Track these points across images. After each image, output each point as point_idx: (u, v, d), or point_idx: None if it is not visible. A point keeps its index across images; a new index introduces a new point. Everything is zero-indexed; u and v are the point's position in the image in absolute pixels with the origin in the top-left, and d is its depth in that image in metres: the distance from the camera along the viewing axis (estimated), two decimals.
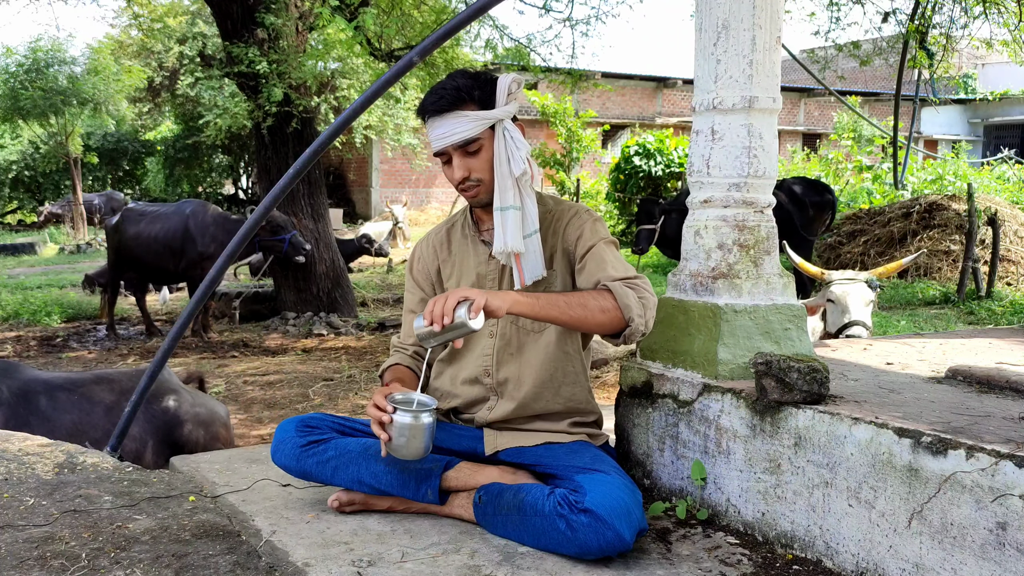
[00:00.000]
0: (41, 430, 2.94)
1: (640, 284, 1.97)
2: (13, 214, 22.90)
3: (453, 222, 2.26)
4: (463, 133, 1.99)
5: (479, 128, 1.99)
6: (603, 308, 1.90)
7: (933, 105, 16.46)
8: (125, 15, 14.30)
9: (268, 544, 1.86)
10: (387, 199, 18.20)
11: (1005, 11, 10.28)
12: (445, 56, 8.48)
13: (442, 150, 2.02)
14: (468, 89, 2.00)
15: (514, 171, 2.01)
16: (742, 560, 1.82)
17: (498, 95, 2.02)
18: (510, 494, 1.90)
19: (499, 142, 2.02)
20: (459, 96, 1.99)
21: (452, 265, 2.20)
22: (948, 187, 12.69)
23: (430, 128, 2.03)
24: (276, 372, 6.56)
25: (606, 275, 1.99)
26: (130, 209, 8.52)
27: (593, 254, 2.04)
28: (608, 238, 2.08)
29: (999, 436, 1.59)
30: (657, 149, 14.95)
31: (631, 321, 1.91)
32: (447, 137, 2.00)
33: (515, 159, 2.00)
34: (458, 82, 2.01)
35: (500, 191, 2.01)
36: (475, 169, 2.02)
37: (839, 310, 3.68)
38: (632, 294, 1.93)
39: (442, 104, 1.99)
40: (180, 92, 17.98)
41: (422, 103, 2.04)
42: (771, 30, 2.12)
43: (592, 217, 2.12)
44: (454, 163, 2.03)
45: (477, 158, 2.02)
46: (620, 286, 1.94)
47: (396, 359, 2.23)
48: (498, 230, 2.01)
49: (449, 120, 1.99)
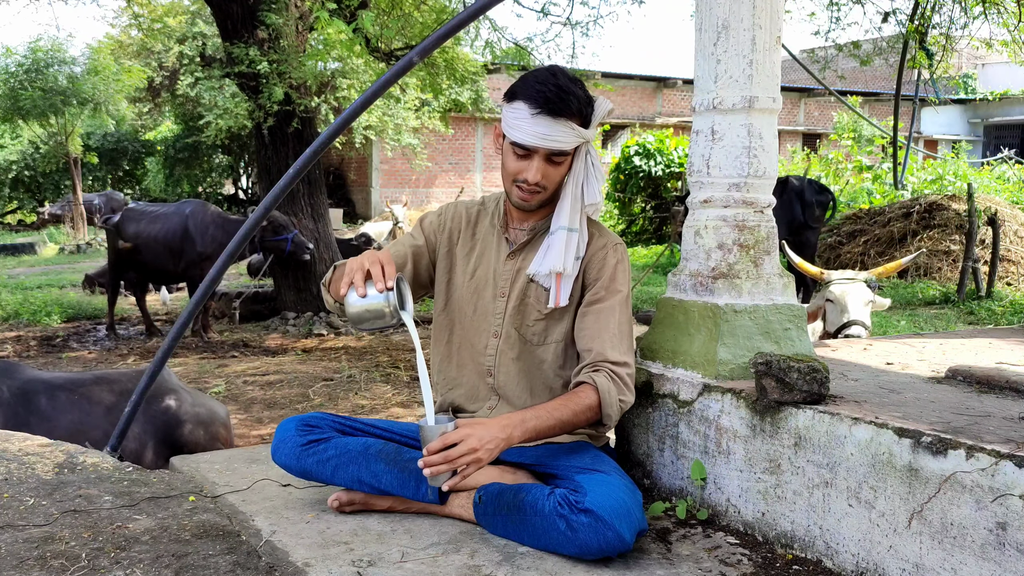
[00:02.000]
0: (41, 430, 2.94)
1: (625, 378, 1.98)
2: (13, 214, 22.90)
3: (484, 206, 2.22)
4: (564, 143, 1.94)
5: (575, 143, 1.96)
6: (587, 417, 1.94)
7: (933, 105, 16.49)
8: (125, 15, 14.33)
9: (268, 544, 1.86)
10: (387, 199, 18.19)
11: (1005, 11, 10.28)
12: (445, 56, 8.48)
13: (532, 147, 1.96)
14: (582, 103, 1.95)
15: (588, 199, 2.02)
16: (742, 560, 1.82)
17: (595, 116, 2.00)
18: (510, 494, 1.90)
19: (579, 163, 2.01)
20: (577, 106, 1.94)
21: (472, 248, 2.17)
22: (948, 187, 12.70)
23: (532, 121, 1.92)
24: (276, 372, 6.56)
25: (601, 350, 1.99)
26: (130, 209, 8.53)
27: (601, 311, 2.03)
28: (624, 293, 2.06)
29: (999, 436, 1.59)
30: (657, 149, 14.97)
31: (605, 427, 2.01)
32: (549, 140, 1.93)
33: (591, 187, 2.01)
34: (575, 90, 1.94)
35: (570, 212, 2.00)
36: (549, 178, 1.99)
37: (838, 310, 3.68)
38: (615, 398, 1.95)
39: (560, 107, 1.91)
40: (180, 92, 17.97)
41: (534, 91, 1.92)
42: (771, 30, 2.12)
43: (618, 257, 2.09)
44: (535, 164, 1.97)
45: (556, 169, 1.99)
46: (607, 387, 1.94)
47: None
48: (557, 248, 2.00)
49: (559, 125, 1.92)
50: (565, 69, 2.03)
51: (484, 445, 1.75)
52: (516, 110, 1.95)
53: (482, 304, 2.14)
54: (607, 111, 2.02)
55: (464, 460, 1.73)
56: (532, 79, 1.97)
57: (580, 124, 1.96)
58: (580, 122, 1.96)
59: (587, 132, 1.99)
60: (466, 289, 2.16)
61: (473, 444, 1.74)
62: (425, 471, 1.73)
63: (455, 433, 1.75)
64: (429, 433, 1.75)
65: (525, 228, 2.13)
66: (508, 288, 2.11)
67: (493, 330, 2.12)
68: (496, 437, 1.78)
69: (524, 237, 2.12)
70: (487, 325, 2.13)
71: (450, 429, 1.76)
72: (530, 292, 2.10)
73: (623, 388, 1.98)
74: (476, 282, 2.15)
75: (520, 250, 2.12)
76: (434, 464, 1.72)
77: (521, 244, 2.12)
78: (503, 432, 1.79)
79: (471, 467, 1.75)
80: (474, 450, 1.74)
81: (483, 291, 2.14)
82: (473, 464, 1.74)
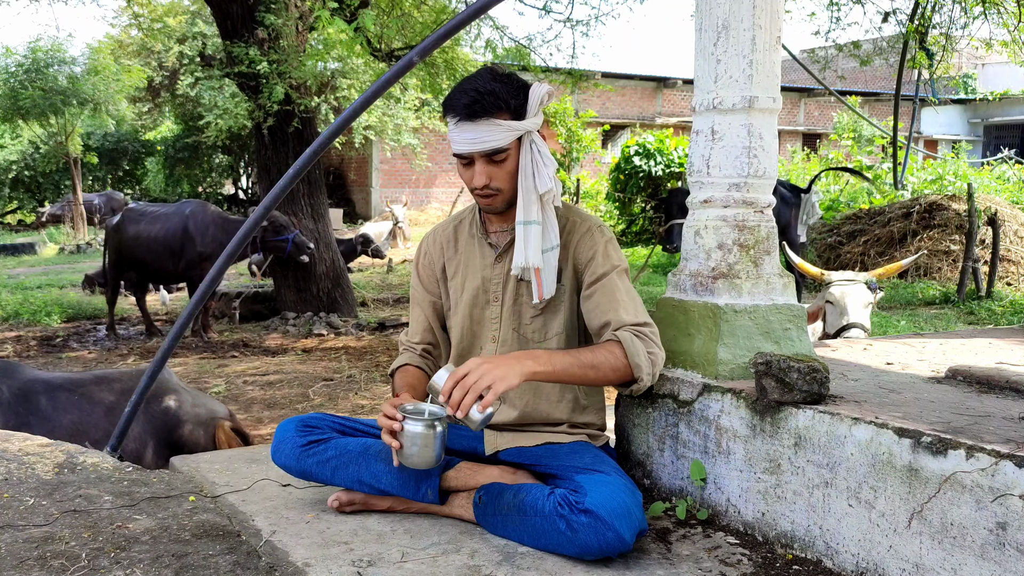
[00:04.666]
0: (41, 430, 2.94)
1: (649, 335, 1.96)
2: (13, 214, 22.90)
3: (461, 219, 2.23)
4: (493, 142, 1.93)
5: (509, 139, 1.94)
6: (614, 367, 1.90)
7: (933, 105, 16.47)
8: (125, 15, 14.32)
9: (268, 544, 1.86)
10: (387, 199, 18.21)
11: (1005, 11, 10.28)
12: (445, 56, 8.48)
13: (466, 154, 1.96)
14: (504, 97, 1.92)
15: (539, 188, 1.97)
16: (742, 560, 1.82)
17: (530, 105, 1.96)
18: (510, 494, 1.90)
19: (525, 155, 1.98)
20: (496, 103, 1.91)
21: (458, 264, 2.18)
22: (948, 187, 12.70)
23: (457, 129, 1.94)
24: (276, 372, 6.56)
25: (617, 318, 1.96)
26: (130, 209, 8.53)
27: (604, 285, 2.01)
28: (621, 265, 2.05)
29: (999, 436, 1.59)
30: (657, 149, 14.96)
31: (640, 380, 1.94)
32: (476, 144, 1.93)
33: (541, 176, 1.97)
34: (494, 87, 1.92)
35: (524, 205, 1.98)
36: (497, 178, 1.98)
37: (837, 312, 3.68)
38: (642, 349, 1.92)
39: (476, 109, 1.90)
40: (180, 92, 17.99)
41: (452, 100, 1.94)
42: (771, 30, 2.12)
43: (605, 237, 2.08)
44: (476, 168, 1.97)
45: (500, 168, 1.97)
46: (631, 339, 1.92)
47: (406, 359, 2.20)
48: (519, 244, 1.98)
49: (481, 126, 1.91)
50: (495, 67, 2.02)
51: (497, 364, 1.74)
52: (449, 123, 1.97)
53: (477, 313, 2.14)
54: (545, 94, 1.97)
55: (483, 382, 1.71)
56: (455, 89, 1.97)
57: (511, 118, 1.94)
58: (510, 116, 1.94)
59: (523, 123, 1.95)
60: (460, 304, 2.16)
61: (485, 366, 1.74)
62: (457, 414, 1.71)
63: (463, 366, 1.75)
64: (438, 381, 1.77)
65: (506, 228, 2.12)
66: (500, 292, 2.11)
67: (491, 336, 2.12)
68: (506, 363, 1.76)
69: (507, 238, 2.11)
70: (485, 333, 2.13)
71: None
72: (522, 290, 2.09)
73: (650, 342, 1.95)
74: (468, 295, 2.15)
75: (506, 252, 2.11)
76: (457, 399, 1.71)
77: (506, 246, 2.11)
78: (516, 360, 1.78)
79: (496, 385, 1.72)
80: (488, 370, 1.73)
81: (476, 301, 2.14)
82: (498, 382, 1.72)
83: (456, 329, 2.18)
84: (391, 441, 1.83)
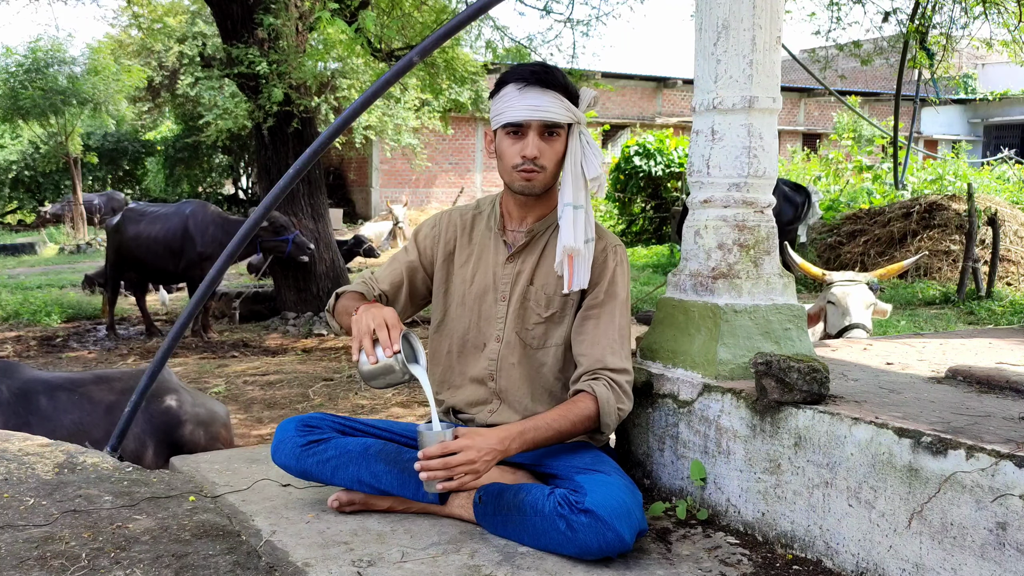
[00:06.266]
0: (41, 430, 2.94)
1: (624, 386, 2.00)
2: (13, 214, 22.90)
3: (480, 211, 2.22)
4: (555, 115, 1.97)
5: (568, 118, 1.99)
6: (586, 426, 1.97)
7: (933, 105, 16.47)
8: (125, 15, 14.35)
9: (268, 544, 1.86)
10: (387, 199, 18.21)
11: (1005, 11, 10.28)
12: (445, 56, 8.47)
13: (524, 122, 1.98)
14: (565, 83, 2.00)
15: (588, 173, 2.02)
16: (742, 560, 1.82)
17: (581, 101, 2.04)
18: (510, 494, 1.90)
19: (575, 141, 2.03)
20: (563, 81, 1.99)
21: (470, 254, 2.17)
22: (948, 187, 12.69)
23: (520, 95, 1.97)
24: (276, 372, 6.56)
25: (600, 358, 2.00)
26: (131, 209, 8.53)
27: (600, 317, 2.05)
28: (623, 297, 2.08)
29: (999, 436, 1.59)
30: (657, 149, 14.96)
31: (603, 431, 2.02)
32: (539, 111, 1.96)
33: (590, 162, 2.02)
34: (559, 71, 2.01)
35: (573, 189, 2.01)
36: (545, 155, 2.01)
37: (839, 312, 3.68)
38: (614, 407, 1.97)
39: (547, 78, 1.97)
40: (180, 92, 17.99)
41: (520, 69, 2.00)
42: (771, 30, 2.12)
43: (617, 258, 2.10)
44: (529, 139, 1.99)
45: (551, 146, 2.01)
46: (607, 397, 1.96)
47: (363, 290, 2.15)
48: (566, 226, 2.00)
49: (549, 96, 1.96)
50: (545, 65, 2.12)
51: (482, 457, 1.79)
52: (504, 95, 2.01)
53: (484, 309, 2.14)
54: (592, 97, 2.06)
55: (462, 470, 1.77)
56: (519, 64, 2.06)
57: (569, 100, 2.00)
58: (568, 98, 2.00)
59: (577, 111, 2.01)
60: (467, 296, 2.16)
61: (472, 456, 1.78)
62: (422, 475, 1.77)
63: (456, 443, 1.79)
64: (428, 438, 1.80)
65: (523, 230, 2.13)
66: (508, 292, 2.11)
67: (495, 334, 2.12)
68: (494, 449, 1.81)
69: (522, 239, 2.12)
70: (490, 330, 2.13)
71: (449, 438, 1.80)
72: (530, 295, 2.10)
73: (621, 396, 1.99)
74: (476, 288, 2.15)
75: (519, 253, 2.12)
76: (432, 469, 1.76)
77: (520, 247, 2.12)
78: (501, 445, 1.83)
79: (467, 476, 1.78)
80: (472, 461, 1.77)
81: (484, 296, 2.14)
82: (470, 475, 1.78)
83: (457, 320, 2.16)
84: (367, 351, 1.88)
